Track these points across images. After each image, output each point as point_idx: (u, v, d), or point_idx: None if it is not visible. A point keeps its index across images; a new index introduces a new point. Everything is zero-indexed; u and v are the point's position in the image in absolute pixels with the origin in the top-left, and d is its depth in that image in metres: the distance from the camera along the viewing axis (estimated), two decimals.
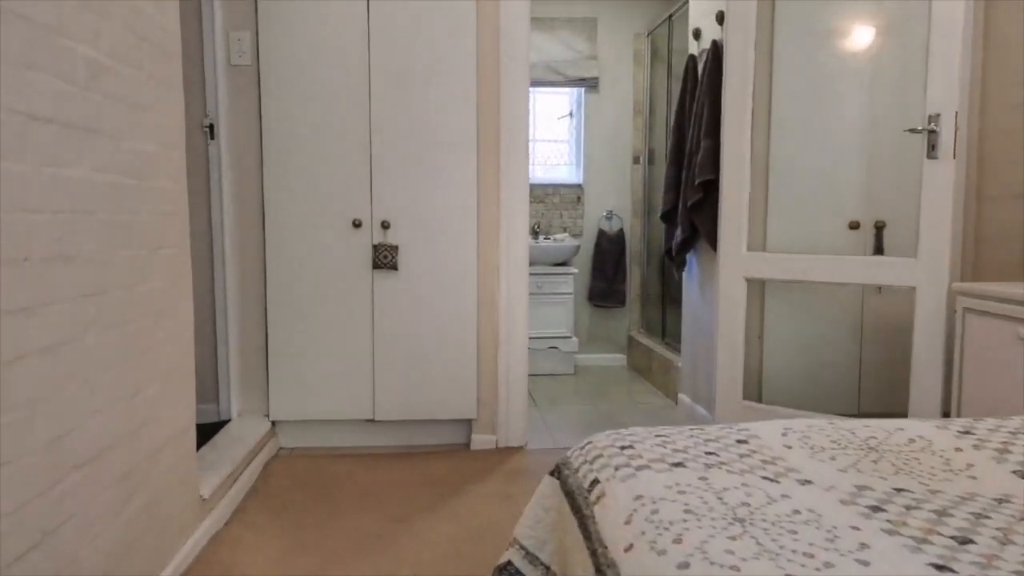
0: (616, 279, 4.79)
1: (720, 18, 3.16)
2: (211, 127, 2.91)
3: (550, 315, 4.46)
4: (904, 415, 2.90)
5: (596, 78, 4.73)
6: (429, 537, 2.23)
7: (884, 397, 3.15)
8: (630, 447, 1.22)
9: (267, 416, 3.01)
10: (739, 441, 1.26)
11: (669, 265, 3.75)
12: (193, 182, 2.91)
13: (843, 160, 3.07)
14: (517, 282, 3.03)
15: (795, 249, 2.98)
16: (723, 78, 3.01)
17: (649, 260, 4.83)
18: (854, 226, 3.05)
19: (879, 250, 3.02)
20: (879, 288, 3.07)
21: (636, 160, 4.81)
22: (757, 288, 3.08)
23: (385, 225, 2.94)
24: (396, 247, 2.95)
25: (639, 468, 1.12)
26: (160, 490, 1.88)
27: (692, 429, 1.35)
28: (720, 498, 1.00)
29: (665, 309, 4.59)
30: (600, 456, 1.21)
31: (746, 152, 2.93)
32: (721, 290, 3.02)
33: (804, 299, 3.16)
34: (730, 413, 3.03)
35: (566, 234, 4.74)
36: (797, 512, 0.97)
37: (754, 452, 1.21)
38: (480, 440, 3.07)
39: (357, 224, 2.93)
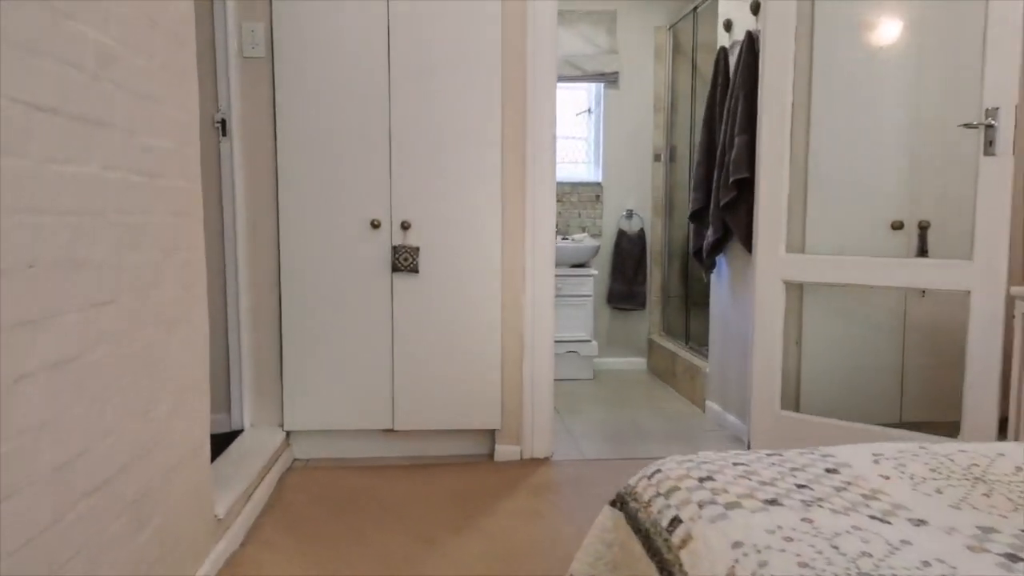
0: (636, 281, 4.65)
1: (755, 8, 3.02)
2: (223, 123, 2.78)
3: (569, 318, 4.32)
4: (948, 424, 2.76)
5: (616, 73, 4.59)
6: (460, 559, 2.10)
7: (928, 405, 3.01)
8: (710, 478, 1.08)
9: (281, 426, 2.88)
10: (829, 471, 1.13)
11: (696, 266, 3.61)
12: (204, 181, 2.78)
13: (885, 157, 2.93)
14: (543, 284, 2.89)
15: (835, 250, 2.85)
16: (759, 70, 2.87)
17: (670, 261, 4.69)
18: (897, 226, 2.91)
19: (923, 251, 2.88)
20: (923, 291, 2.93)
21: (657, 158, 4.67)
22: (794, 291, 2.94)
23: (405, 226, 2.81)
24: (416, 249, 2.81)
25: (729, 506, 0.99)
26: (174, 513, 1.75)
27: (770, 455, 1.22)
28: (835, 546, 0.87)
29: (689, 312, 4.45)
30: (677, 489, 1.07)
31: (785, 148, 2.79)
32: (757, 294, 2.89)
33: (843, 303, 3.03)
34: (767, 424, 2.89)
35: (585, 234, 4.60)
36: (927, 564, 0.84)
37: (849, 484, 1.07)
38: (504, 451, 2.93)
39: (376, 225, 2.80)
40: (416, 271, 2.82)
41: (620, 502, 1.19)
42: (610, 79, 4.61)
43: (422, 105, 2.78)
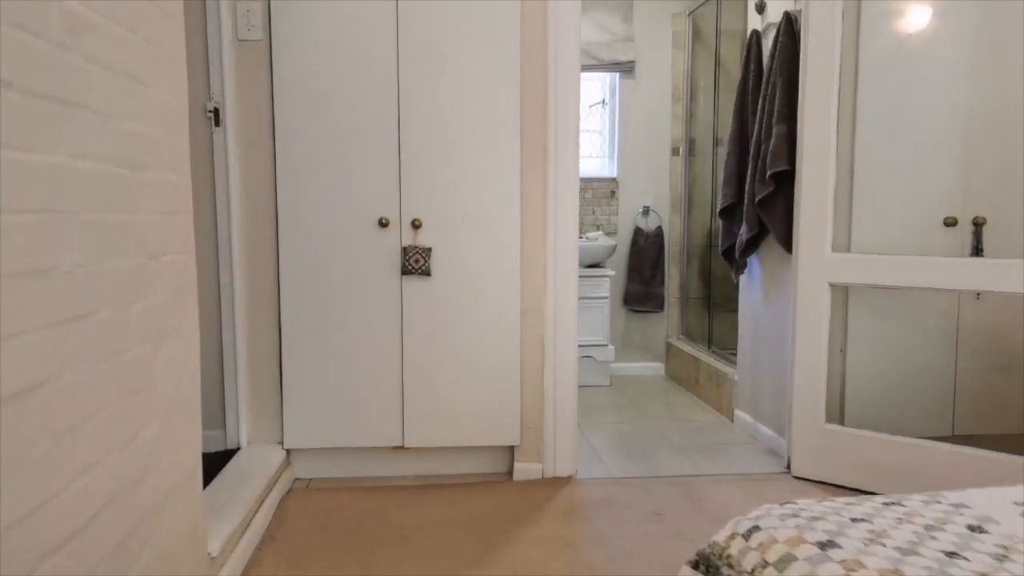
0: (654, 281, 4.44)
1: None
2: (216, 112, 2.56)
3: (585, 322, 4.10)
4: (1006, 437, 2.56)
5: (632, 62, 4.38)
6: None
7: (983, 417, 2.81)
8: (832, 544, 0.87)
9: (280, 444, 2.66)
10: (973, 528, 0.92)
11: (721, 266, 3.40)
12: (196, 175, 2.56)
13: (937, 147, 2.73)
14: (566, 288, 2.68)
15: (882, 249, 2.64)
16: (801, 54, 2.67)
17: (689, 260, 4.48)
18: (950, 223, 2.70)
19: (977, 250, 2.68)
20: (977, 293, 2.72)
21: (675, 151, 4.46)
22: (839, 294, 2.73)
23: (416, 224, 2.59)
24: (429, 249, 2.60)
25: None
26: (162, 555, 1.53)
27: (889, 505, 1.01)
28: None
29: (711, 314, 4.24)
30: (792, 559, 0.86)
31: (831, 138, 2.58)
32: (799, 297, 2.68)
33: (890, 305, 2.82)
34: (810, 438, 2.69)
35: (599, 232, 4.39)
36: None
37: (1008, 551, 0.86)
38: (524, 469, 2.72)
39: (384, 224, 2.58)
40: (428, 274, 2.60)
41: (705, 564, 0.97)
42: (626, 68, 4.40)
43: (434, 93, 2.57)
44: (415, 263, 2.60)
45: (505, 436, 2.70)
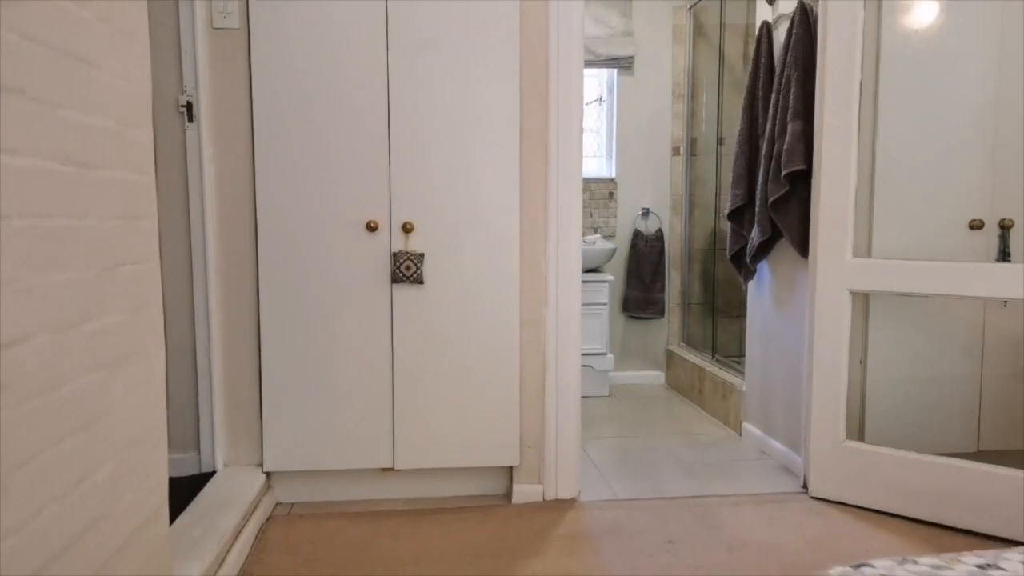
0: (655, 287, 4.27)
1: None
2: (188, 106, 2.36)
3: (583, 329, 3.93)
4: None
5: (631, 57, 4.22)
6: None
7: (1010, 432, 2.66)
8: None
9: (260, 466, 2.47)
10: None
11: (726, 272, 3.24)
12: (166, 176, 2.37)
13: (963, 145, 2.57)
14: (569, 296, 2.50)
15: (906, 254, 2.48)
16: (819, 45, 2.51)
17: (691, 264, 4.32)
18: (976, 226, 2.55)
19: (1004, 254, 2.53)
20: (1004, 301, 2.57)
21: (676, 151, 4.30)
22: (858, 302, 2.57)
23: (407, 228, 2.41)
24: (421, 255, 2.41)
25: None
26: None
27: (986, 569, 0.83)
28: None
29: (715, 321, 4.08)
30: None
31: (852, 135, 2.42)
32: (817, 306, 2.51)
33: (912, 313, 2.66)
34: (829, 456, 2.52)
35: (597, 235, 4.22)
36: None
37: None
38: (524, 491, 2.54)
39: (372, 227, 2.40)
40: (420, 282, 2.42)
41: None
42: (624, 64, 4.23)
43: (427, 86, 2.38)
44: (406, 270, 2.41)
45: (503, 456, 2.52)
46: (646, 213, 4.31)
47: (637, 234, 4.29)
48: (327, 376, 2.44)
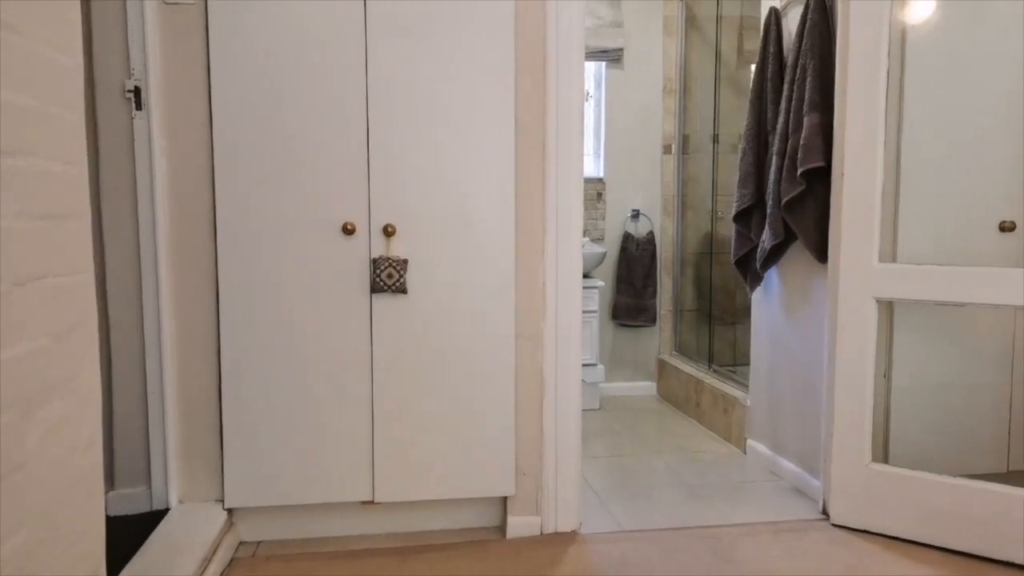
0: (646, 292, 4.07)
1: None
2: (136, 92, 2.08)
3: None
4: None
5: (620, 49, 4.01)
6: None
7: None
8: None
9: (221, 502, 2.19)
10: None
11: (740, 278, 3.03)
12: (110, 170, 2.10)
13: (994, 141, 2.40)
14: (569, 306, 2.27)
15: (933, 258, 2.31)
16: (839, 31, 2.32)
17: (683, 269, 4.13)
18: (1008, 227, 2.39)
19: None
20: None
21: (667, 149, 4.11)
22: (883, 311, 2.38)
23: (389, 231, 2.16)
24: (404, 262, 2.16)
25: None
26: None
27: None
28: None
29: (712, 329, 3.89)
30: None
31: (879, 128, 2.24)
32: (840, 315, 2.32)
33: (939, 323, 2.49)
34: (853, 480, 2.33)
35: (586, 239, 4.00)
36: None
37: None
38: (520, 524, 2.30)
39: (349, 230, 2.14)
40: (403, 291, 2.17)
41: None
42: (613, 57, 4.03)
43: (411, 71, 2.14)
44: (387, 278, 2.16)
45: (497, 485, 2.28)
46: (636, 215, 4.11)
47: (627, 237, 4.08)
48: (297, 398, 2.18)
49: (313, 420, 2.18)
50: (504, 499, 2.32)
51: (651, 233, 4.09)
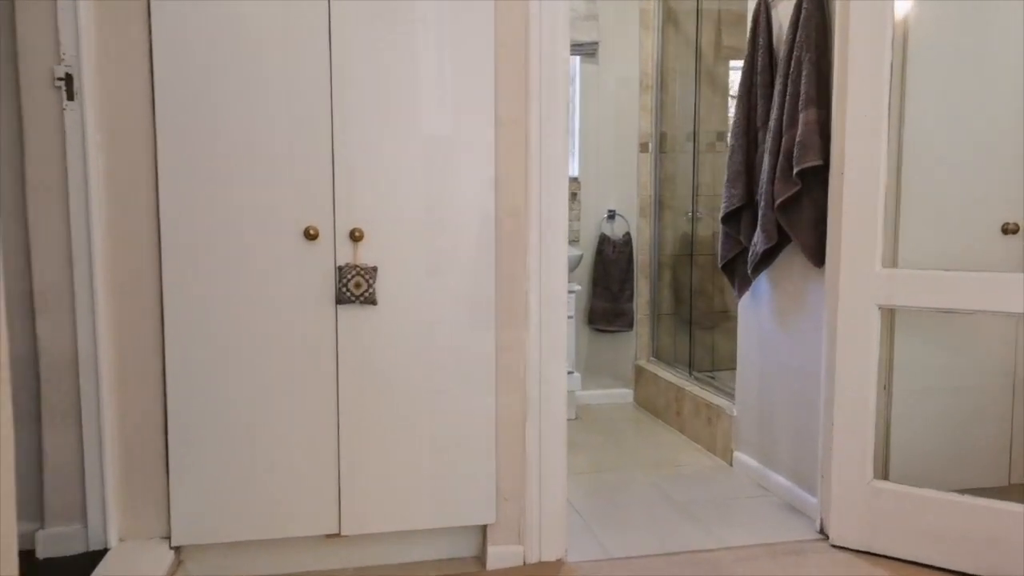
0: (623, 296, 3.91)
1: None
2: (68, 79, 1.84)
3: None
4: None
5: (595, 43, 3.85)
6: None
7: None
8: None
9: (167, 539, 1.96)
10: None
11: (728, 283, 2.89)
12: (37, 167, 1.85)
13: (997, 142, 2.29)
14: (554, 315, 2.09)
15: (935, 262, 2.18)
16: (838, 22, 2.18)
17: (660, 272, 3.99)
18: (1011, 230, 2.28)
19: None
20: None
21: (644, 148, 3.95)
22: (884, 318, 2.25)
23: (356, 236, 1.95)
24: (373, 270, 1.96)
25: None
26: None
27: None
28: None
29: (692, 334, 3.75)
30: None
31: (882, 124, 2.10)
32: (841, 324, 2.18)
33: (939, 331, 2.37)
34: (854, 498, 2.20)
35: None
36: None
37: None
38: (501, 554, 2.11)
39: (311, 235, 1.93)
40: (372, 302, 1.96)
41: None
42: (588, 51, 3.86)
43: (380, 57, 1.93)
44: (355, 288, 1.95)
45: (476, 512, 2.09)
46: (612, 216, 3.95)
47: (603, 239, 3.92)
48: (254, 422, 1.96)
49: (272, 446, 1.97)
50: (484, 527, 2.13)
51: (628, 235, 3.94)
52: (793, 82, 2.35)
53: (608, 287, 3.91)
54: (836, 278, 2.19)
